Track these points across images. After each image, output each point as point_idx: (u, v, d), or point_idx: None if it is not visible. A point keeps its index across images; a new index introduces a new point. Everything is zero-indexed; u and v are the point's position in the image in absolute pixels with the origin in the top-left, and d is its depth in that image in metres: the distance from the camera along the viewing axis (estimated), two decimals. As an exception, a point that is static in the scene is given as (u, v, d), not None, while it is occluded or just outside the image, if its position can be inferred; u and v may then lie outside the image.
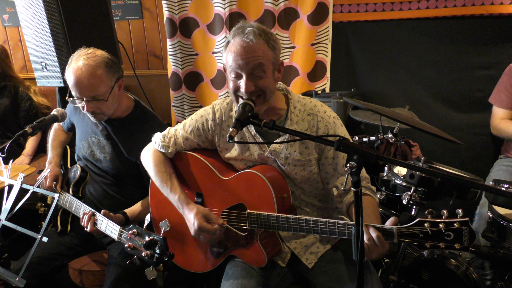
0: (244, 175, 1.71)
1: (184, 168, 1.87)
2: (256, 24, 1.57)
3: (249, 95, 1.54)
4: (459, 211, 1.29)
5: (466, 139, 3.02)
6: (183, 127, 1.86)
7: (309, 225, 1.53)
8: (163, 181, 1.80)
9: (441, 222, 1.28)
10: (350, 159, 1.18)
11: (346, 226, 1.47)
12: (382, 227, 1.38)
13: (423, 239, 1.32)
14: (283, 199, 1.65)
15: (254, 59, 1.53)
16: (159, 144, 1.86)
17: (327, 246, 1.77)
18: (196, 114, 1.86)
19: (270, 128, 1.35)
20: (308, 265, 1.72)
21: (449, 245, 1.29)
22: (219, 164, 1.83)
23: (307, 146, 1.70)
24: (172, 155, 1.88)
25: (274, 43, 1.58)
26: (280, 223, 1.58)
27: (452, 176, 1.44)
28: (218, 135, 1.82)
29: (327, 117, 1.71)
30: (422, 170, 1.82)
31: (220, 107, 1.81)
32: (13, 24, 3.90)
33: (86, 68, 1.87)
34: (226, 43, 1.61)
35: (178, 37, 3.39)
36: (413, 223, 1.33)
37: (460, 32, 3.00)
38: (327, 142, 1.29)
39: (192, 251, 1.86)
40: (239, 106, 1.49)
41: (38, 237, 1.71)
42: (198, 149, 1.89)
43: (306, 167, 1.71)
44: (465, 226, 1.26)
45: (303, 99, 1.76)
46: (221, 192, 1.76)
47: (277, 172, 1.73)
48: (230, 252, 1.76)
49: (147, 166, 1.89)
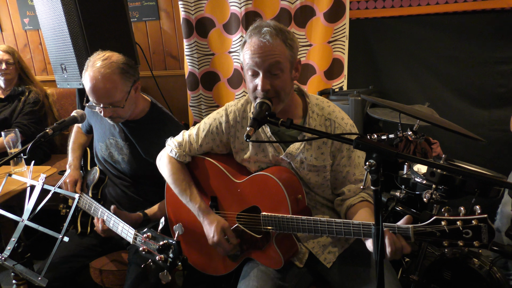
0: (257, 178, 1.71)
1: (198, 172, 1.88)
2: (273, 23, 1.56)
3: (265, 93, 1.53)
4: (477, 207, 1.25)
5: (488, 135, 2.95)
6: (197, 131, 1.86)
7: (324, 226, 1.52)
8: (182, 189, 1.81)
9: (459, 219, 1.25)
10: (369, 157, 1.16)
11: (361, 227, 1.45)
12: (398, 227, 1.35)
13: (441, 237, 1.29)
14: (297, 201, 1.64)
15: (272, 57, 1.52)
16: (175, 153, 1.87)
17: (345, 245, 1.76)
18: (209, 117, 1.86)
19: (287, 126, 1.34)
20: (327, 264, 1.71)
21: (468, 243, 1.25)
22: (232, 167, 1.82)
23: (323, 151, 1.69)
24: (188, 161, 1.90)
25: (292, 41, 1.57)
26: (295, 225, 1.57)
27: (474, 173, 1.41)
28: (233, 136, 1.81)
29: (344, 124, 1.70)
30: (443, 168, 1.79)
31: (234, 108, 1.80)
32: (33, 27, 3.97)
33: (101, 76, 1.87)
34: (243, 42, 1.60)
35: (194, 37, 3.40)
36: (429, 222, 1.30)
37: (480, 27, 2.93)
38: (346, 140, 1.27)
39: (209, 254, 1.87)
40: (256, 105, 1.48)
41: (59, 236, 1.74)
42: (212, 154, 1.89)
43: (320, 173, 1.70)
44: (484, 223, 1.22)
45: (321, 102, 1.74)
46: (235, 195, 1.76)
47: (290, 173, 1.71)
48: (247, 255, 1.76)
49: (164, 173, 1.90)
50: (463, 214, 1.26)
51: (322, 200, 1.78)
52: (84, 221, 2.16)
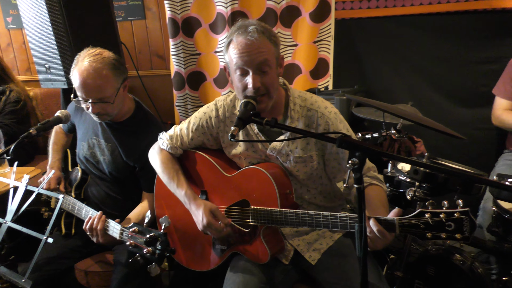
0: (248, 172, 1.73)
1: (189, 166, 1.89)
2: (256, 22, 1.59)
3: (256, 91, 1.55)
4: (460, 201, 1.29)
5: (471, 134, 3.00)
6: (188, 125, 1.87)
7: (311, 219, 1.54)
8: (170, 177, 1.82)
9: (442, 212, 1.28)
10: (352, 155, 1.17)
11: (348, 219, 1.47)
12: (384, 219, 1.38)
13: (425, 229, 1.32)
14: (286, 195, 1.66)
15: (260, 55, 1.55)
16: (167, 145, 1.88)
17: (330, 242, 1.78)
18: (200, 111, 1.87)
19: (272, 126, 1.35)
20: (312, 262, 1.73)
21: (450, 235, 1.28)
22: (223, 161, 1.84)
23: (308, 142, 1.71)
24: (179, 154, 1.91)
25: (275, 38, 1.61)
26: (283, 218, 1.59)
27: (456, 171, 1.44)
28: (222, 131, 1.83)
29: (327, 112, 1.70)
30: (425, 166, 1.82)
31: (223, 103, 1.82)
32: (16, 26, 3.92)
33: (92, 70, 1.84)
34: (227, 42, 1.61)
35: (180, 37, 3.40)
36: (414, 214, 1.33)
37: (463, 27, 2.98)
38: (329, 139, 1.28)
39: (195, 249, 1.88)
40: (241, 105, 1.49)
41: (43, 238, 1.72)
42: (203, 148, 1.91)
43: (307, 163, 1.72)
44: (466, 216, 1.26)
45: (304, 94, 1.76)
46: (225, 189, 1.77)
47: (279, 169, 1.73)
48: (233, 249, 1.77)
49: (154, 164, 1.91)
50: (446, 208, 1.29)
51: (309, 199, 1.79)
52: (68, 222, 2.14)
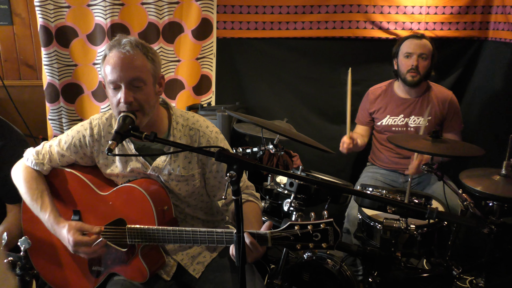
0: (123, 189, 1.67)
1: (60, 185, 1.76)
2: (133, 38, 1.57)
3: (128, 106, 1.51)
4: (325, 213, 1.41)
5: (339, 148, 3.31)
6: (59, 143, 1.75)
7: (189, 236, 1.54)
8: (33, 199, 1.68)
9: (309, 224, 1.38)
10: (230, 168, 1.23)
11: (224, 235, 1.50)
12: (257, 233, 1.44)
13: (294, 241, 1.40)
14: (163, 212, 1.63)
15: (133, 70, 1.52)
16: (32, 161, 1.73)
17: (213, 255, 1.80)
18: (73, 129, 1.77)
19: (151, 140, 1.34)
20: (196, 275, 1.73)
21: (317, 245, 1.39)
22: (98, 179, 1.75)
23: (190, 161, 1.71)
24: (47, 172, 1.77)
25: (153, 55, 1.59)
26: (160, 236, 1.57)
27: (326, 182, 1.58)
28: (97, 151, 1.74)
29: (209, 132, 1.73)
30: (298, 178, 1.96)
31: (98, 122, 1.74)
32: None
33: None
34: (103, 57, 1.57)
35: (54, 46, 3.17)
36: (284, 227, 1.41)
37: (332, 52, 3.33)
38: (208, 153, 1.32)
39: (70, 272, 1.76)
40: (119, 119, 1.46)
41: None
42: (76, 165, 1.79)
43: (189, 182, 1.72)
44: (330, 226, 1.37)
45: (185, 113, 1.77)
46: (100, 208, 1.69)
47: (157, 185, 1.70)
48: (111, 270, 1.69)
49: (17, 183, 1.74)
50: (314, 219, 1.40)
51: (192, 213, 1.79)
52: None
